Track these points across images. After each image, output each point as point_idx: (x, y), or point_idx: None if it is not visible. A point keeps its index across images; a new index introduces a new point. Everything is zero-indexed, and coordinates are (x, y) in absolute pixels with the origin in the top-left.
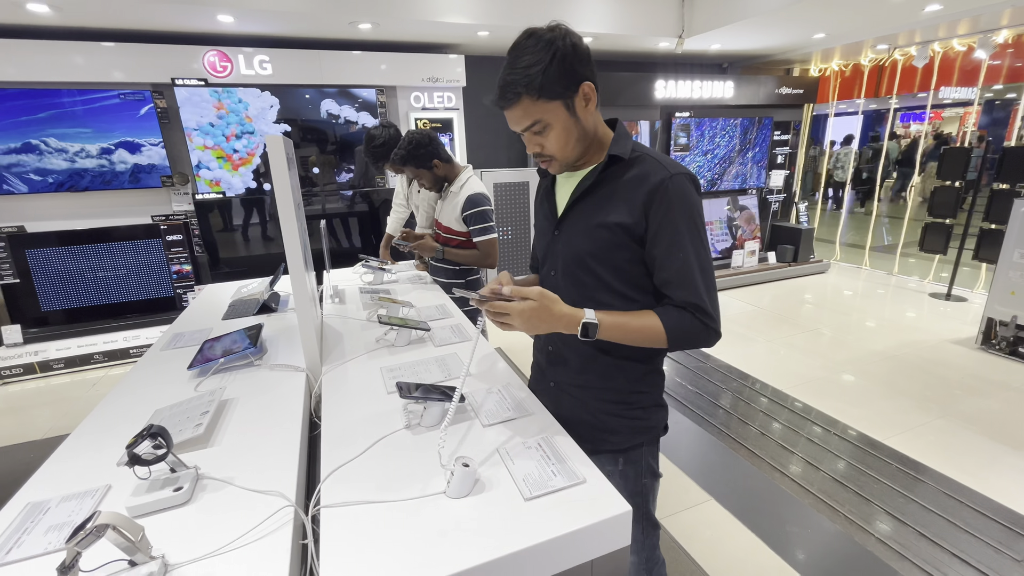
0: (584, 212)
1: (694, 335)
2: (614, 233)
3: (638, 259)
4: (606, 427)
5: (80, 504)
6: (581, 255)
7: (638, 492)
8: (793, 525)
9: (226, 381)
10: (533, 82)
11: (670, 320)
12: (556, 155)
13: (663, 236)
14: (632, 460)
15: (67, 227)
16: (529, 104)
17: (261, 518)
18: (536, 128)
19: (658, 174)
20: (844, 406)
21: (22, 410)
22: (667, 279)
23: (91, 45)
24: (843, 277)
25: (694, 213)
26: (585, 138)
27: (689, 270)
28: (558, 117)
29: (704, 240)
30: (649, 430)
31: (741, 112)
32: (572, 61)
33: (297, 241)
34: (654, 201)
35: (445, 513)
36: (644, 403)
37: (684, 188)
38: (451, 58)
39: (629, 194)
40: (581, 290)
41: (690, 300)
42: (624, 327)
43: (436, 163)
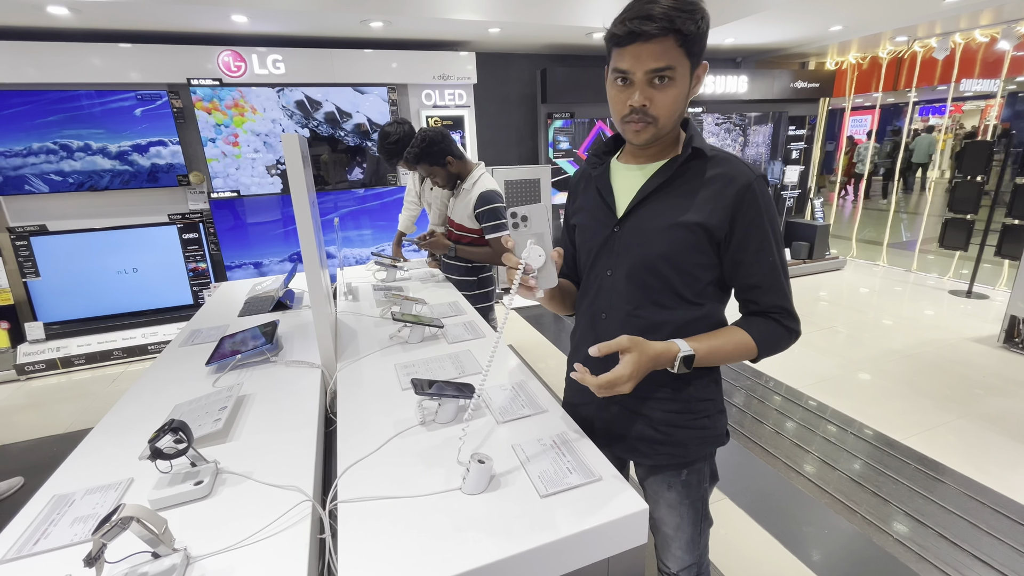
0: (658, 209)
1: (781, 341)
2: (695, 235)
3: (711, 264)
4: (672, 440)
5: (104, 497)
6: (652, 257)
7: (698, 498)
8: (809, 525)
9: (243, 377)
10: (688, 26)
11: (759, 332)
12: (661, 117)
13: (752, 240)
14: (696, 469)
15: (87, 225)
16: (672, 46)
17: (280, 512)
18: (665, 74)
19: (745, 175)
20: (861, 405)
21: (45, 405)
22: (755, 283)
23: (109, 46)
24: (860, 274)
25: (775, 217)
26: (679, 119)
27: (776, 274)
28: (683, 77)
29: (781, 244)
30: (717, 438)
31: (755, 107)
32: (706, 34)
33: (312, 239)
34: (743, 203)
35: (461, 509)
36: (710, 410)
37: (767, 191)
38: (462, 55)
39: (714, 193)
40: (645, 293)
41: (779, 304)
42: (719, 351)
43: (450, 160)
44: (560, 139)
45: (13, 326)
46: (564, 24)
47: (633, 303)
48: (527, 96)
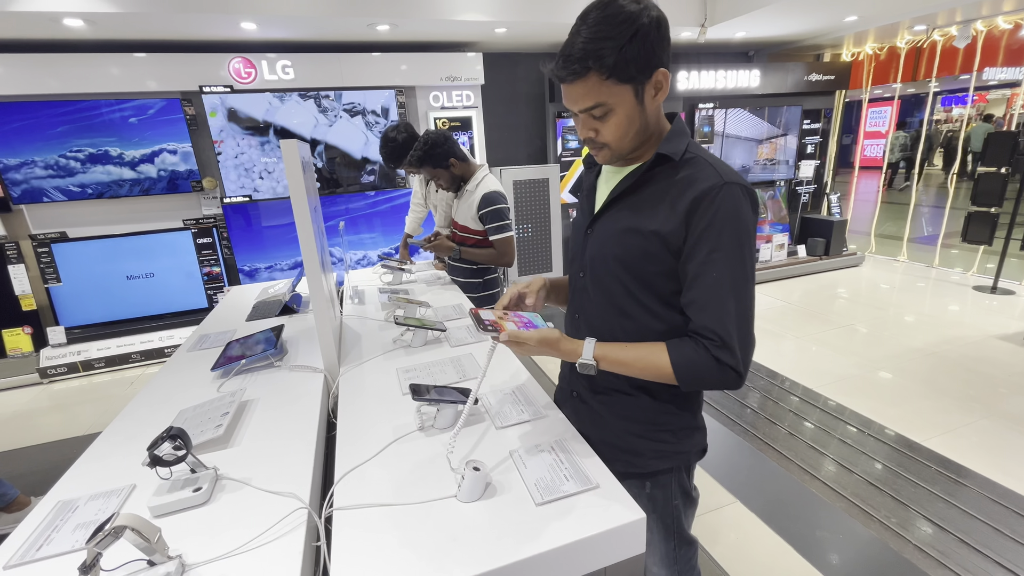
0: (620, 214)
1: (708, 374)
2: (648, 241)
3: (671, 273)
4: (629, 448)
5: (106, 503)
6: (608, 260)
7: (668, 514)
8: (824, 529)
9: (247, 382)
10: (605, 59)
11: (679, 355)
12: (611, 144)
13: (700, 249)
14: (661, 484)
15: (105, 232)
16: (596, 83)
17: (276, 519)
18: (597, 111)
19: (708, 180)
20: (880, 406)
21: (67, 407)
22: (693, 298)
23: (124, 56)
24: (879, 270)
25: (741, 231)
26: (645, 131)
27: (719, 292)
28: (624, 103)
29: (746, 265)
30: (677, 455)
31: (768, 101)
32: (653, 42)
33: (313, 244)
34: (698, 209)
35: (456, 517)
36: (672, 426)
37: (736, 201)
38: (469, 56)
39: (672, 199)
40: (608, 297)
41: (709, 326)
42: (625, 364)
43: (453, 162)
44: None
45: (36, 331)
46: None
47: (599, 305)
48: (535, 95)
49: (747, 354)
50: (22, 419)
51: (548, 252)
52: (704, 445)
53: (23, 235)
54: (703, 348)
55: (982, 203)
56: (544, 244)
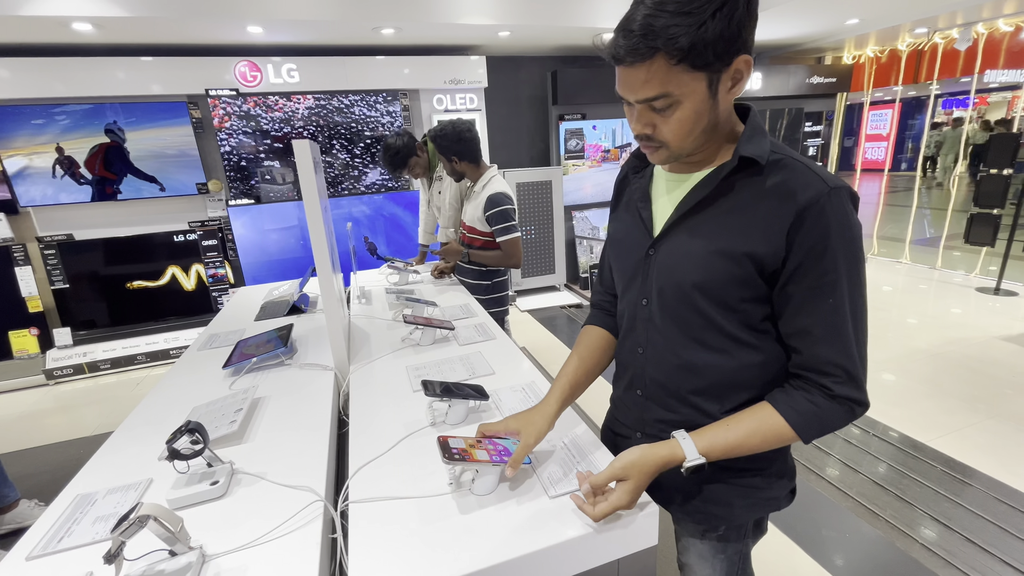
0: (698, 231)
1: (834, 419)
2: (739, 264)
3: (762, 298)
4: (711, 497)
5: (124, 496)
6: (685, 287)
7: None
8: (830, 529)
9: (258, 380)
10: (679, 39)
11: (793, 412)
12: (671, 143)
13: (809, 271)
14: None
15: (111, 234)
16: (663, 68)
17: (292, 512)
18: (659, 103)
19: (812, 188)
20: (884, 406)
21: (73, 408)
22: (806, 327)
23: (132, 60)
24: (881, 272)
25: (856, 245)
26: (715, 128)
27: (840, 319)
28: (694, 94)
29: (863, 283)
30: (768, 502)
31: (770, 104)
32: (742, 19)
33: (324, 244)
34: (804, 224)
35: (470, 510)
36: (763, 468)
37: (846, 210)
38: (472, 59)
39: (768, 212)
40: (683, 328)
41: (834, 360)
42: (739, 448)
43: (455, 159)
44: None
45: (42, 332)
46: (574, 25)
47: (671, 339)
48: (538, 98)
49: (865, 380)
50: (28, 420)
51: (551, 254)
52: (793, 486)
53: (30, 237)
54: (818, 392)
55: (985, 204)
56: (547, 246)
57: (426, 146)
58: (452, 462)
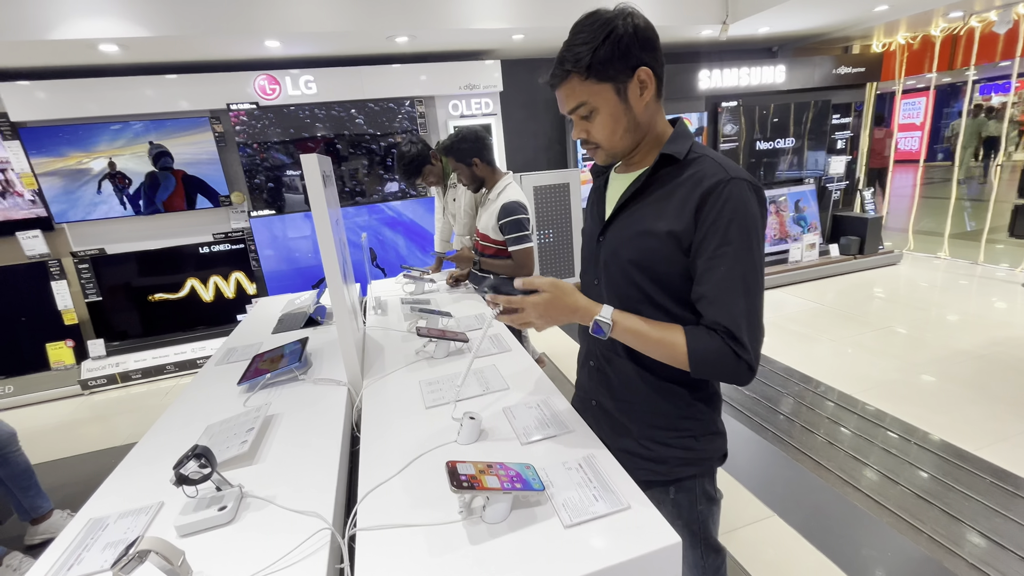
0: (632, 217)
1: (721, 363)
2: (662, 242)
3: (686, 272)
4: (652, 456)
5: (135, 521)
6: (624, 265)
7: (693, 520)
8: (870, 547)
9: (272, 396)
10: (582, 60)
11: (696, 340)
12: (602, 143)
13: (708, 244)
14: (685, 488)
15: (139, 247)
16: (577, 84)
17: (300, 540)
18: (582, 111)
19: (716, 176)
20: (924, 412)
21: (106, 418)
22: (702, 293)
23: (157, 78)
24: (919, 268)
25: (749, 224)
26: (637, 129)
27: (729, 286)
28: (606, 101)
29: (755, 258)
30: (701, 461)
31: (794, 97)
32: (629, 43)
33: (334, 257)
34: (706, 204)
35: (481, 540)
36: (695, 431)
37: (743, 195)
38: (487, 64)
39: (682, 197)
40: (625, 303)
41: (720, 321)
42: (640, 335)
43: (476, 162)
44: None
45: (77, 344)
46: None
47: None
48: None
49: (757, 348)
50: (65, 430)
51: (570, 257)
52: (725, 450)
53: (64, 252)
54: (719, 338)
55: None
56: (566, 249)
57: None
58: (461, 491)
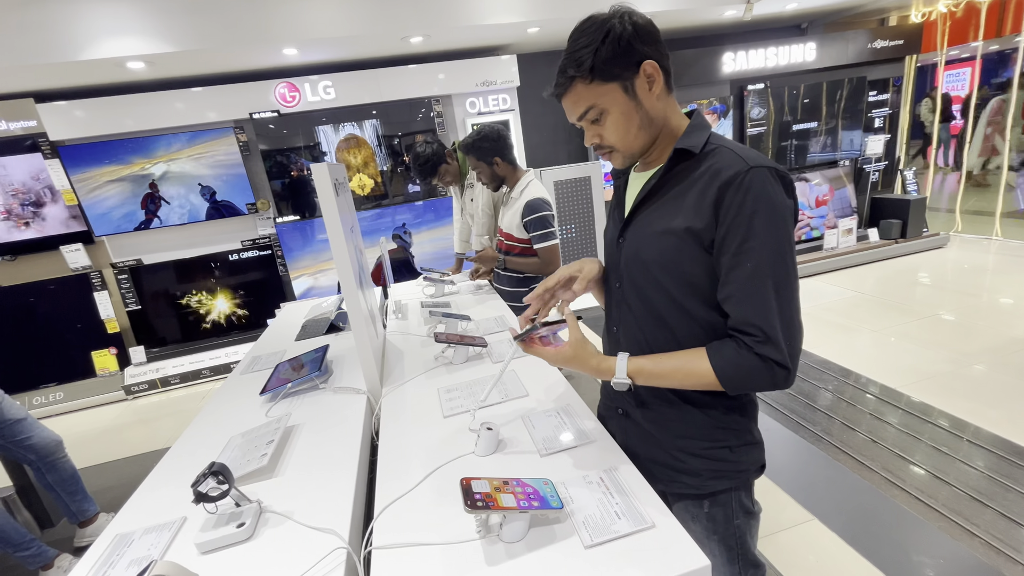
0: (651, 217)
1: (753, 374)
2: (682, 240)
3: (711, 271)
4: (684, 468)
5: (159, 537)
6: (646, 266)
7: (730, 535)
8: (919, 552)
9: (294, 406)
10: (584, 63)
11: (720, 359)
12: (616, 145)
13: (732, 240)
14: (720, 502)
15: (174, 257)
16: (582, 89)
17: (317, 558)
18: (591, 115)
19: (734, 167)
20: (976, 406)
21: (149, 421)
22: (730, 293)
23: (183, 92)
24: (967, 251)
25: (776, 216)
26: (651, 125)
27: (758, 283)
28: (615, 101)
29: (786, 251)
30: (736, 474)
31: (826, 76)
32: (630, 39)
33: (349, 265)
34: (725, 198)
35: (498, 560)
36: (730, 442)
37: (766, 184)
38: (503, 59)
39: (700, 192)
40: (648, 306)
41: (751, 320)
42: (663, 376)
43: (497, 161)
44: None
45: (120, 351)
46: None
47: (638, 316)
48: None
49: (794, 347)
50: (111, 434)
51: (593, 252)
52: (763, 461)
53: (105, 264)
54: (745, 347)
55: None
56: (589, 243)
57: (455, 153)
58: (475, 511)
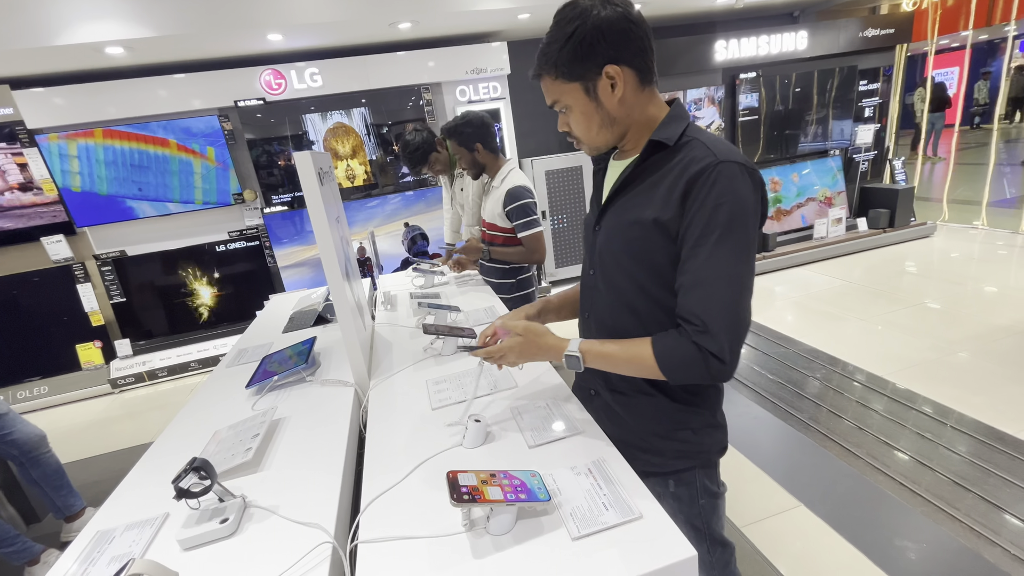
0: (624, 205)
1: (690, 363)
2: (648, 231)
3: (677, 261)
4: (649, 448)
5: (140, 533)
6: (617, 255)
7: (695, 515)
8: (902, 537)
9: (280, 399)
10: (550, 59)
11: (661, 346)
12: (581, 138)
13: (693, 231)
14: (685, 482)
15: (158, 248)
16: (549, 82)
17: (302, 552)
18: (557, 107)
19: (703, 160)
20: (960, 392)
21: (136, 415)
22: (682, 282)
23: (166, 79)
24: (953, 240)
25: (736, 210)
26: (612, 124)
27: (708, 274)
28: (576, 100)
29: (744, 244)
30: (698, 455)
31: (818, 64)
32: (593, 41)
33: (334, 256)
34: (692, 189)
35: (485, 553)
36: (693, 424)
37: (733, 179)
38: (494, 46)
39: (669, 184)
40: (618, 295)
41: (693, 309)
42: (610, 357)
43: (478, 147)
44: None
45: (105, 344)
46: None
47: (608, 302)
48: None
49: (734, 340)
50: (98, 427)
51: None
52: (725, 444)
53: (88, 255)
54: (685, 336)
55: None
56: (580, 234)
57: (445, 142)
58: (461, 504)
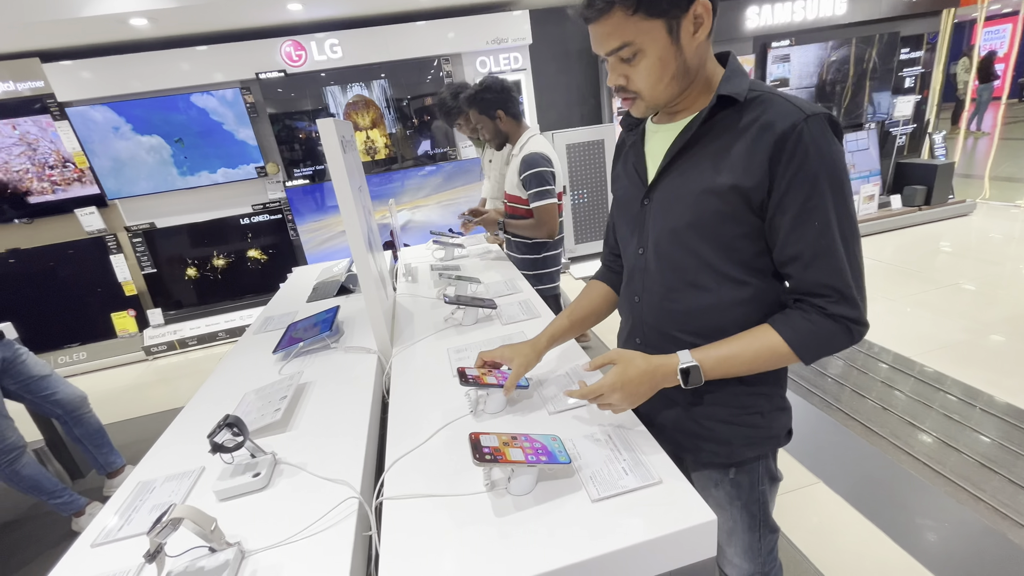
0: (685, 174)
1: (831, 338)
2: (725, 201)
3: (754, 233)
4: (713, 436)
5: (179, 485)
6: (679, 229)
7: (754, 501)
8: (924, 516)
9: (305, 364)
10: None
11: (791, 330)
12: (644, 92)
13: (794, 198)
14: (747, 469)
15: (186, 220)
16: (621, 19)
17: (329, 507)
18: (624, 53)
19: (789, 117)
20: (992, 375)
21: (169, 381)
22: (796, 254)
23: (189, 51)
24: (993, 219)
25: (837, 167)
26: (685, 75)
27: (828, 241)
28: (655, 42)
29: (850, 204)
30: (768, 440)
31: (857, 31)
32: None
33: (357, 226)
34: (783, 153)
35: (506, 512)
36: (763, 408)
37: (824, 135)
38: (515, 15)
39: (748, 146)
40: (678, 273)
41: (823, 281)
42: (735, 359)
43: (500, 115)
44: None
45: (139, 313)
46: None
47: (666, 285)
48: (586, 52)
49: (865, 297)
50: (133, 392)
51: (605, 218)
52: (790, 426)
53: (119, 227)
54: (815, 311)
55: None
56: (601, 209)
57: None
58: (483, 463)
